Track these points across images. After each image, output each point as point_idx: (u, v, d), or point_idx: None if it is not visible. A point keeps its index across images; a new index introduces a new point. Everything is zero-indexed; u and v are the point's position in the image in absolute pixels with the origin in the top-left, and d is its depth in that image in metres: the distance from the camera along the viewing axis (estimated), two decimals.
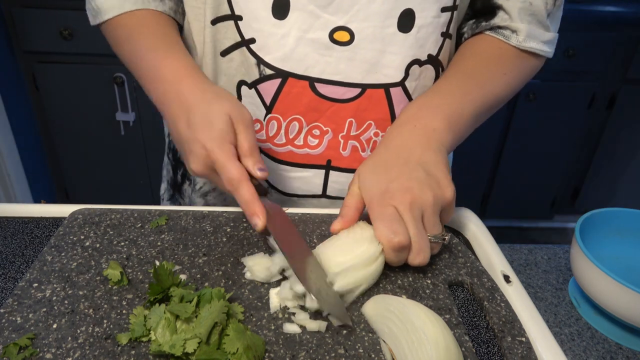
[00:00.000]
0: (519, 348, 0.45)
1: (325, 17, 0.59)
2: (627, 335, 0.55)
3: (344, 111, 0.64)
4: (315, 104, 0.64)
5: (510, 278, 0.54)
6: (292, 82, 0.63)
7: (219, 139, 0.52)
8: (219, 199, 0.75)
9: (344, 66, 0.62)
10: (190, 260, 0.53)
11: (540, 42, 0.64)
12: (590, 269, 0.53)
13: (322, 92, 0.63)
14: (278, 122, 0.65)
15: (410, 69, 0.63)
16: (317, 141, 0.66)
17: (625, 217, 0.62)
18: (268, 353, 0.43)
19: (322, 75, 0.62)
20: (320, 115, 0.65)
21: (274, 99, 0.64)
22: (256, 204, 0.51)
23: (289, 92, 0.63)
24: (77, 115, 1.86)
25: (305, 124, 0.65)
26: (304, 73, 0.62)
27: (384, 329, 0.45)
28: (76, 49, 1.72)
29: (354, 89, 0.63)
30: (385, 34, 0.60)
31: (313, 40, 0.60)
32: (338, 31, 0.60)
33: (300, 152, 0.67)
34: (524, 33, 0.63)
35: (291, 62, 0.61)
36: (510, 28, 0.64)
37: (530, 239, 2.32)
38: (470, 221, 0.63)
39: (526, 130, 2.01)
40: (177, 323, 0.43)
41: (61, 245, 0.54)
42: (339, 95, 0.63)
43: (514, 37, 0.64)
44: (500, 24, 0.65)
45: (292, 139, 0.66)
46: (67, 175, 2.01)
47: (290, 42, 0.60)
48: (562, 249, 0.68)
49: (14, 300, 0.47)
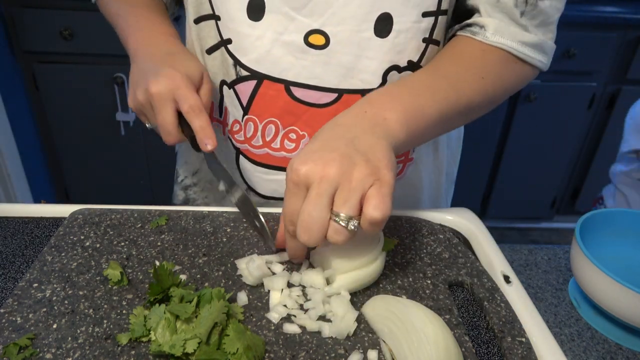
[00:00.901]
0: (519, 348, 0.45)
1: (299, 20, 0.58)
2: (627, 336, 0.55)
3: (321, 116, 0.63)
4: (291, 108, 0.63)
5: (510, 278, 0.54)
6: (267, 84, 0.62)
7: (190, 77, 0.57)
8: (200, 194, 0.76)
9: (319, 70, 0.60)
10: (190, 261, 0.53)
11: (517, 41, 0.58)
12: (590, 269, 0.53)
13: (297, 96, 0.62)
14: (255, 124, 0.65)
15: (389, 75, 0.61)
16: (294, 145, 0.65)
17: (625, 217, 0.62)
18: (268, 353, 0.43)
19: (298, 79, 0.61)
20: (297, 120, 0.64)
21: (250, 101, 0.64)
22: (211, 129, 0.56)
23: (264, 94, 0.63)
24: (77, 116, 1.86)
25: (282, 127, 0.64)
26: (278, 76, 0.61)
27: (384, 329, 0.45)
28: (76, 49, 1.72)
29: (330, 94, 0.62)
30: (361, 38, 0.58)
31: (288, 42, 0.59)
32: (313, 34, 0.58)
33: (278, 155, 0.66)
34: (491, 28, 0.58)
35: (266, 64, 0.61)
36: (478, 24, 0.59)
37: (530, 240, 2.32)
38: (470, 221, 0.63)
39: (526, 130, 2.01)
40: (177, 323, 0.43)
41: (61, 245, 0.54)
42: (315, 100, 0.62)
43: (481, 33, 0.58)
44: (470, 21, 0.60)
45: (268, 141, 0.66)
46: (67, 175, 2.01)
47: (265, 43, 0.60)
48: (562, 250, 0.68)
49: (14, 300, 0.47)
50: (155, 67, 0.57)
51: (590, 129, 2.06)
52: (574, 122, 2.01)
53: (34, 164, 1.95)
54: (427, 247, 0.57)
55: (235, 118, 0.66)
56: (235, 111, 0.66)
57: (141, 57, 0.60)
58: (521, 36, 0.58)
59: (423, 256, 0.56)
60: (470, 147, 0.93)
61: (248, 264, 0.51)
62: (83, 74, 1.77)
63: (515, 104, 1.94)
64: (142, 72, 0.58)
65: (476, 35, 0.59)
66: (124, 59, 0.66)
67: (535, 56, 0.60)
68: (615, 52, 1.88)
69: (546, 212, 2.27)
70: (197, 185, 0.76)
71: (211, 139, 0.56)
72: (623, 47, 1.87)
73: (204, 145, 0.56)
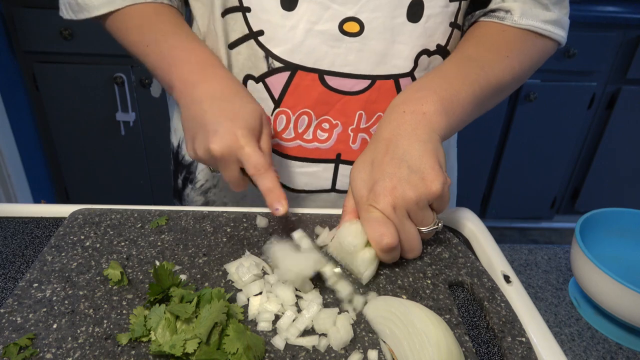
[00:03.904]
0: (519, 348, 0.45)
1: (334, 8, 0.59)
2: (627, 335, 0.55)
3: (354, 104, 0.64)
4: (325, 97, 0.63)
5: (510, 278, 0.54)
6: (301, 74, 0.62)
7: (250, 129, 0.55)
8: (219, 195, 0.75)
9: (353, 57, 0.61)
10: (190, 261, 0.53)
11: (541, 20, 0.63)
12: (590, 269, 0.53)
13: (331, 85, 0.63)
14: (287, 117, 0.65)
15: (419, 59, 0.63)
16: (327, 135, 0.66)
17: (625, 217, 0.62)
18: (268, 353, 0.43)
19: (332, 67, 0.62)
20: (330, 109, 0.64)
21: (283, 93, 0.63)
22: (281, 190, 0.54)
23: (298, 85, 0.63)
24: (77, 115, 1.86)
25: (315, 118, 0.65)
26: (313, 65, 0.61)
27: (385, 330, 0.45)
28: (76, 49, 1.72)
29: (364, 81, 0.63)
30: (394, 24, 0.60)
31: (322, 31, 0.59)
32: (348, 22, 0.59)
33: (310, 147, 0.67)
34: (518, 12, 0.62)
35: (300, 54, 0.61)
36: (503, 9, 0.63)
37: (530, 239, 2.32)
38: (470, 221, 0.63)
39: (526, 130, 2.01)
40: (177, 323, 0.43)
41: (61, 245, 0.54)
42: (349, 88, 0.63)
43: (508, 17, 0.63)
44: (493, 7, 0.64)
45: (301, 133, 0.66)
46: (67, 175, 2.01)
47: (299, 34, 0.60)
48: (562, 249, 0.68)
49: (14, 300, 0.47)
50: (213, 121, 0.54)
51: (590, 129, 2.06)
52: (574, 122, 2.01)
53: (34, 164, 1.95)
54: (427, 247, 0.57)
55: None
56: (264, 106, 0.63)
57: (192, 102, 0.57)
58: (544, 15, 0.63)
59: (423, 256, 0.55)
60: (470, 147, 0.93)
61: (238, 269, 0.50)
62: (83, 74, 1.77)
63: (515, 104, 1.94)
64: (199, 124, 0.56)
65: (504, 20, 0.63)
66: (124, 59, 0.66)
67: (557, 32, 0.64)
68: (615, 52, 1.88)
69: (546, 212, 2.27)
70: (216, 187, 0.75)
71: (281, 202, 0.53)
72: (623, 47, 1.87)
73: (274, 210, 0.53)
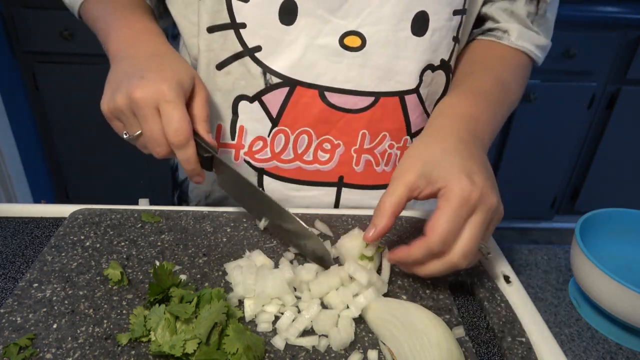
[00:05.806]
0: (519, 348, 0.45)
1: (335, 22, 0.56)
2: (627, 336, 0.55)
3: (357, 122, 0.61)
4: (326, 115, 0.60)
5: (510, 278, 0.54)
6: (301, 91, 0.59)
7: (180, 84, 0.51)
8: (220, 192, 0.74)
9: (355, 73, 0.58)
10: (190, 261, 0.53)
11: (533, 44, 0.65)
12: (590, 269, 0.53)
13: (332, 102, 0.60)
14: (286, 136, 0.62)
15: (424, 75, 0.61)
16: (328, 156, 0.63)
17: (625, 217, 0.62)
18: (268, 353, 0.43)
19: (333, 83, 0.59)
20: (331, 128, 0.61)
21: (282, 110, 0.60)
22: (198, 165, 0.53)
23: (297, 102, 0.60)
24: (77, 115, 1.85)
25: (315, 137, 0.62)
26: (313, 81, 0.59)
27: (385, 332, 0.44)
28: (76, 49, 1.72)
29: (367, 98, 0.60)
30: (398, 38, 0.57)
31: (322, 46, 0.57)
32: (349, 36, 0.57)
33: (310, 169, 0.64)
34: (515, 33, 0.64)
35: (299, 69, 0.58)
36: (501, 29, 0.65)
37: (530, 239, 2.32)
38: None
39: (526, 130, 2.01)
40: (177, 323, 0.43)
41: (61, 246, 0.54)
42: (351, 105, 0.60)
43: (505, 38, 0.65)
44: (491, 26, 0.66)
45: (300, 154, 0.63)
46: (67, 175, 2.01)
47: (298, 48, 0.57)
48: (562, 250, 0.68)
49: (14, 301, 0.47)
50: (140, 70, 0.52)
51: (590, 129, 2.06)
52: (574, 122, 2.01)
53: (34, 164, 1.95)
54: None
55: (257, 135, 0.63)
56: (259, 127, 0.62)
57: (122, 58, 0.55)
58: (537, 40, 0.66)
59: None
60: None
61: (236, 273, 0.49)
62: (83, 74, 1.77)
63: None
64: (124, 74, 0.52)
65: (502, 40, 0.65)
66: None
67: (541, 55, 0.68)
68: (615, 52, 1.88)
69: (546, 212, 2.27)
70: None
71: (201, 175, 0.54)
72: (623, 47, 1.87)
73: (196, 182, 0.55)
